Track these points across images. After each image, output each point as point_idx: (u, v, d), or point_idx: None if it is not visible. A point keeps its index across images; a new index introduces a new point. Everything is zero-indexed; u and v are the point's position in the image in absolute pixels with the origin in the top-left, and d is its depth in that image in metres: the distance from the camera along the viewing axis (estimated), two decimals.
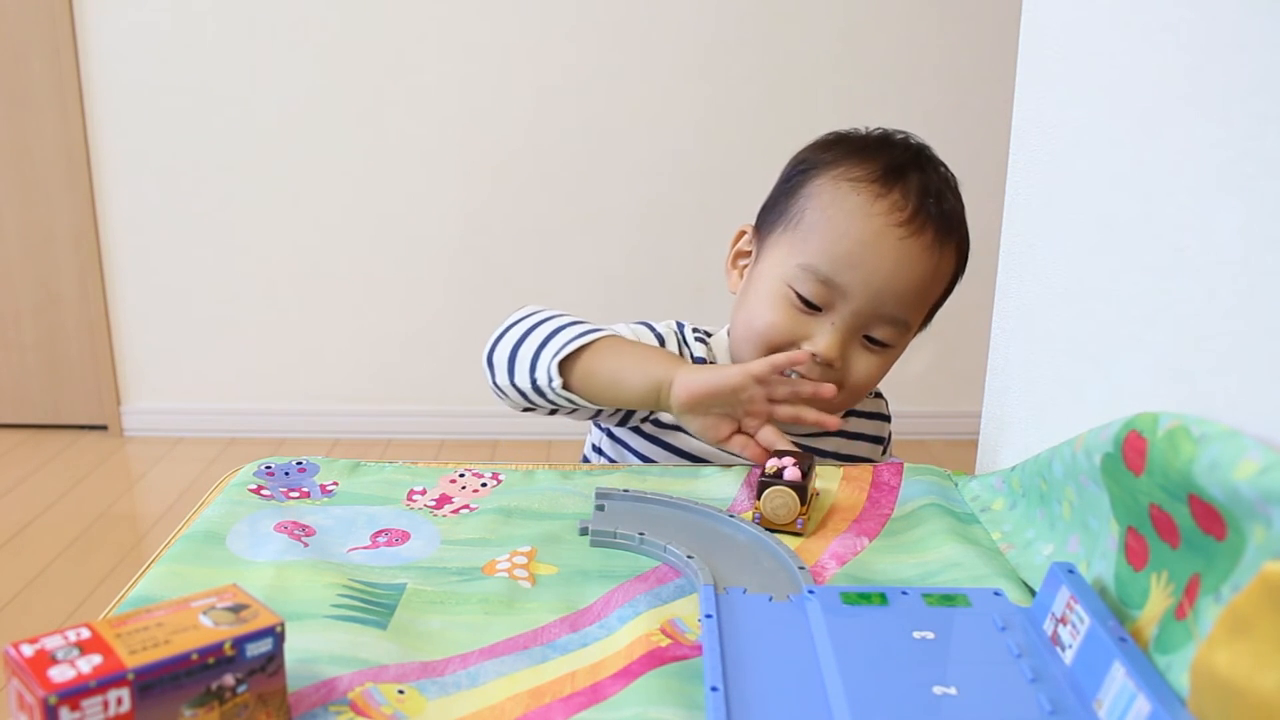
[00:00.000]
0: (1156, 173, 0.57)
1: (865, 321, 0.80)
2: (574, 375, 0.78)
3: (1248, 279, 0.49)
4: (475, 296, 2.50)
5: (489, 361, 0.82)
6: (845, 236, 0.79)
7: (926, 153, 0.86)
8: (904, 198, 0.79)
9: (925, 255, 0.79)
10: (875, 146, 0.84)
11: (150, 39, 2.36)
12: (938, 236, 0.80)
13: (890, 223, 0.79)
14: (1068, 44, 0.68)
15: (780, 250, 0.82)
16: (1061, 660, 0.49)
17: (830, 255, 0.79)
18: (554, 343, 0.79)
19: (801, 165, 0.85)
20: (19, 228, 2.47)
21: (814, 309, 0.80)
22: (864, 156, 0.82)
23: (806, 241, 0.81)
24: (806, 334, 0.80)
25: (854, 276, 0.78)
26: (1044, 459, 0.63)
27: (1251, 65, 0.49)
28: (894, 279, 0.78)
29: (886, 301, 0.79)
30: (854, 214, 0.79)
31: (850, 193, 0.80)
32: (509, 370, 0.80)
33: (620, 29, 2.36)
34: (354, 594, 0.57)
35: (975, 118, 2.37)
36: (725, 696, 0.47)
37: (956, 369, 2.52)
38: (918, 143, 0.86)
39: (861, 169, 0.81)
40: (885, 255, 0.78)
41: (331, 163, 2.44)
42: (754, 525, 0.66)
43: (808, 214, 0.82)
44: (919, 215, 0.79)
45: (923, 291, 0.81)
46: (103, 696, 0.40)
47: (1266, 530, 0.41)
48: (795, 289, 0.80)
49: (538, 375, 0.78)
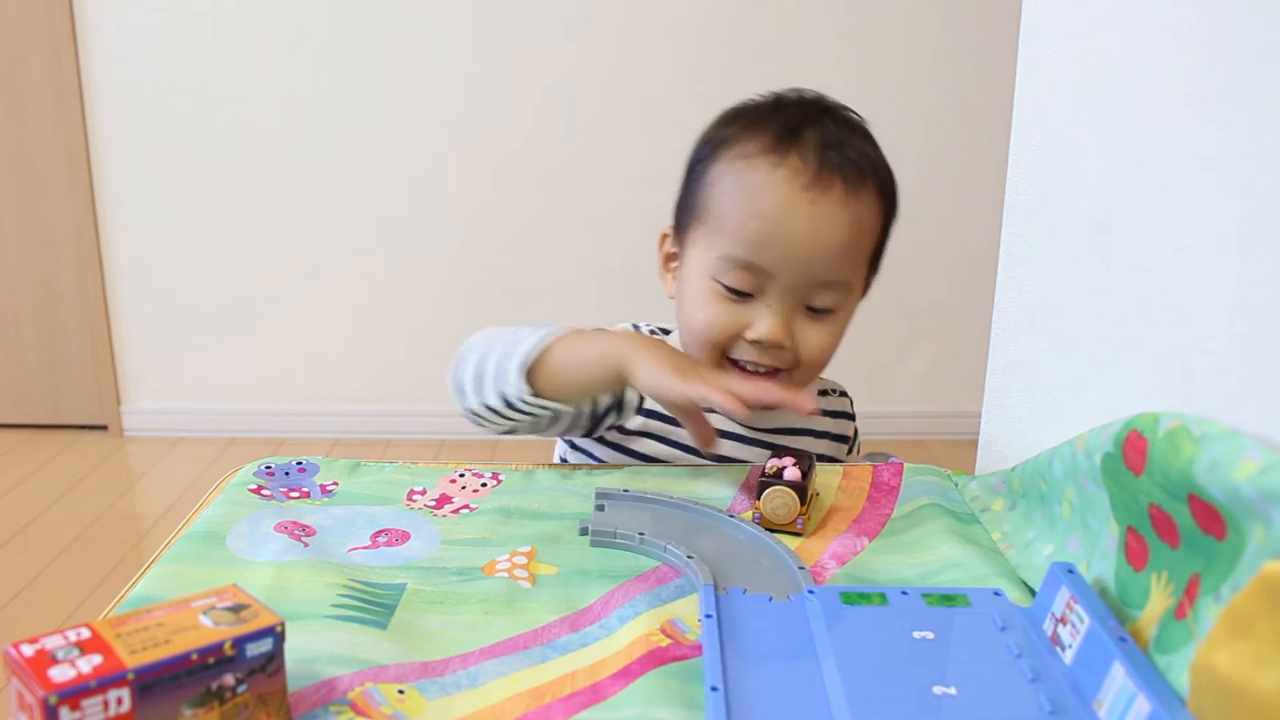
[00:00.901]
0: (1156, 173, 0.57)
1: (800, 294, 0.78)
2: (540, 381, 0.76)
3: (1248, 279, 0.49)
4: (475, 296, 2.50)
5: (457, 388, 0.80)
6: (753, 216, 0.77)
7: (824, 103, 0.83)
8: (802, 159, 0.77)
9: (840, 210, 0.77)
10: (767, 114, 0.82)
11: (150, 39, 2.36)
12: (849, 187, 0.78)
13: (795, 189, 0.76)
14: (1068, 44, 0.68)
15: (698, 246, 0.81)
16: (1061, 660, 0.49)
17: (744, 240, 0.77)
18: (516, 354, 0.76)
19: (699, 154, 0.83)
20: (19, 228, 2.47)
21: (746, 295, 0.78)
22: (756, 128, 0.80)
23: (720, 231, 0.79)
24: (745, 322, 0.78)
25: (774, 255, 0.76)
26: (1044, 459, 0.63)
27: (1251, 65, 0.49)
28: (815, 246, 0.76)
29: (816, 269, 0.77)
30: (756, 190, 0.77)
31: (748, 170, 0.78)
32: (477, 391, 0.78)
33: (620, 29, 2.36)
34: (354, 594, 0.57)
35: (975, 118, 2.37)
36: (725, 696, 0.47)
37: (956, 369, 2.52)
38: (814, 95, 0.84)
39: (754, 142, 0.79)
40: (798, 224, 0.76)
41: (332, 163, 2.44)
42: (754, 525, 0.66)
43: (713, 203, 0.80)
44: (822, 172, 0.77)
45: (850, 247, 0.79)
46: (103, 696, 0.40)
47: (1266, 530, 0.41)
48: (721, 281, 0.78)
49: (507, 389, 0.76)
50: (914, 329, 2.55)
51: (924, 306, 2.53)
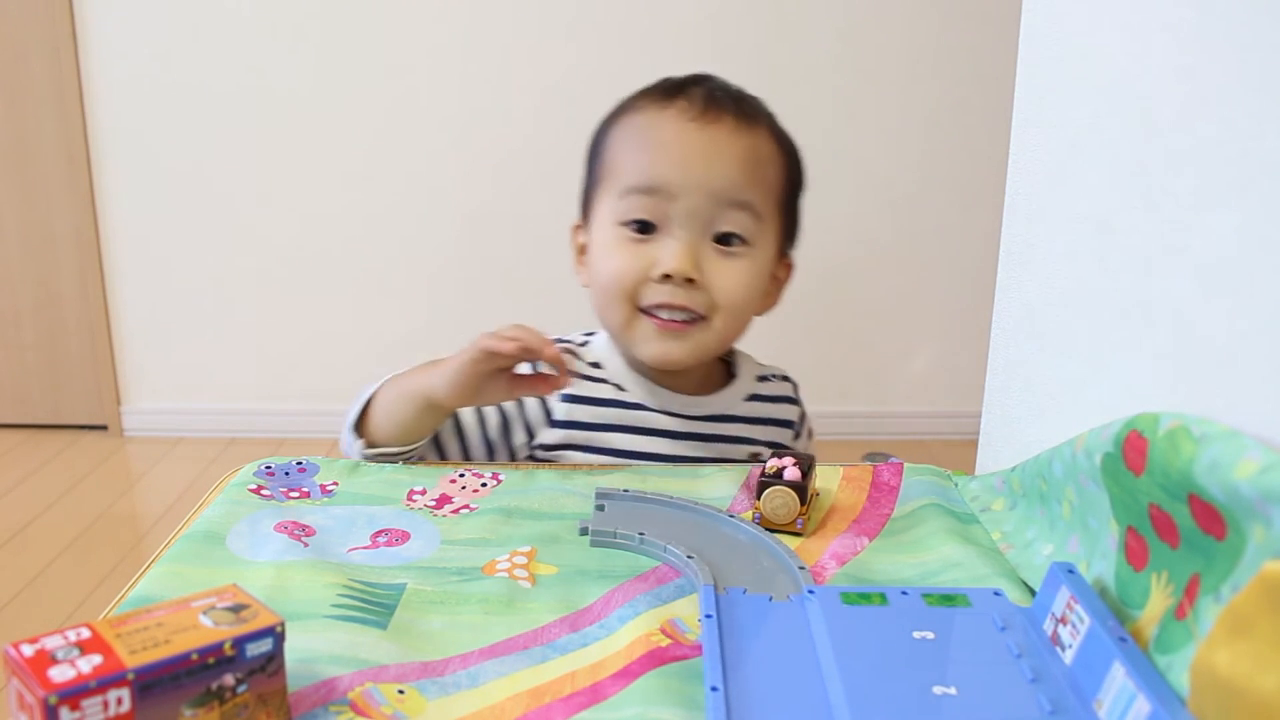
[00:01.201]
0: (1156, 173, 0.57)
1: (706, 219, 0.78)
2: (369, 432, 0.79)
3: (1248, 279, 0.49)
4: (475, 296, 2.50)
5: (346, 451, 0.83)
6: (645, 147, 0.79)
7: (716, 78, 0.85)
8: (689, 101, 0.80)
9: (734, 137, 0.79)
10: (655, 84, 0.84)
11: (150, 38, 2.36)
12: (740, 121, 0.79)
13: (683, 120, 0.79)
14: (1068, 44, 0.68)
15: (602, 205, 0.82)
16: (1061, 660, 0.49)
17: (640, 168, 0.79)
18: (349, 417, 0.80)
19: (594, 138, 0.86)
20: (19, 228, 2.47)
21: (650, 229, 0.79)
22: (642, 94, 0.83)
23: (616, 176, 0.80)
24: (653, 259, 0.78)
25: (670, 172, 0.77)
26: (1044, 459, 0.63)
27: (1251, 65, 0.49)
28: (711, 162, 0.78)
29: (717, 187, 0.77)
30: (645, 128, 0.80)
31: (636, 117, 0.81)
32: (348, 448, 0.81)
33: (620, 29, 2.36)
34: (354, 594, 0.57)
35: (975, 118, 2.37)
36: (725, 696, 0.47)
37: (956, 369, 2.52)
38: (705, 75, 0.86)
39: (641, 101, 0.82)
40: (691, 145, 0.78)
41: (331, 163, 2.44)
42: (754, 525, 0.66)
43: (608, 159, 0.82)
44: (711, 107, 0.79)
45: (751, 169, 0.79)
46: (103, 696, 0.40)
47: (1266, 530, 0.41)
48: (624, 220, 0.79)
49: (349, 451, 0.80)
50: (914, 329, 2.55)
51: (924, 306, 2.53)
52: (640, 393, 0.86)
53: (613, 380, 0.86)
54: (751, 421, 0.89)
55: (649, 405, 0.85)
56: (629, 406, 0.85)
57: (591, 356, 0.88)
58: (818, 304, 2.49)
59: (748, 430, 0.88)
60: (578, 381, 0.85)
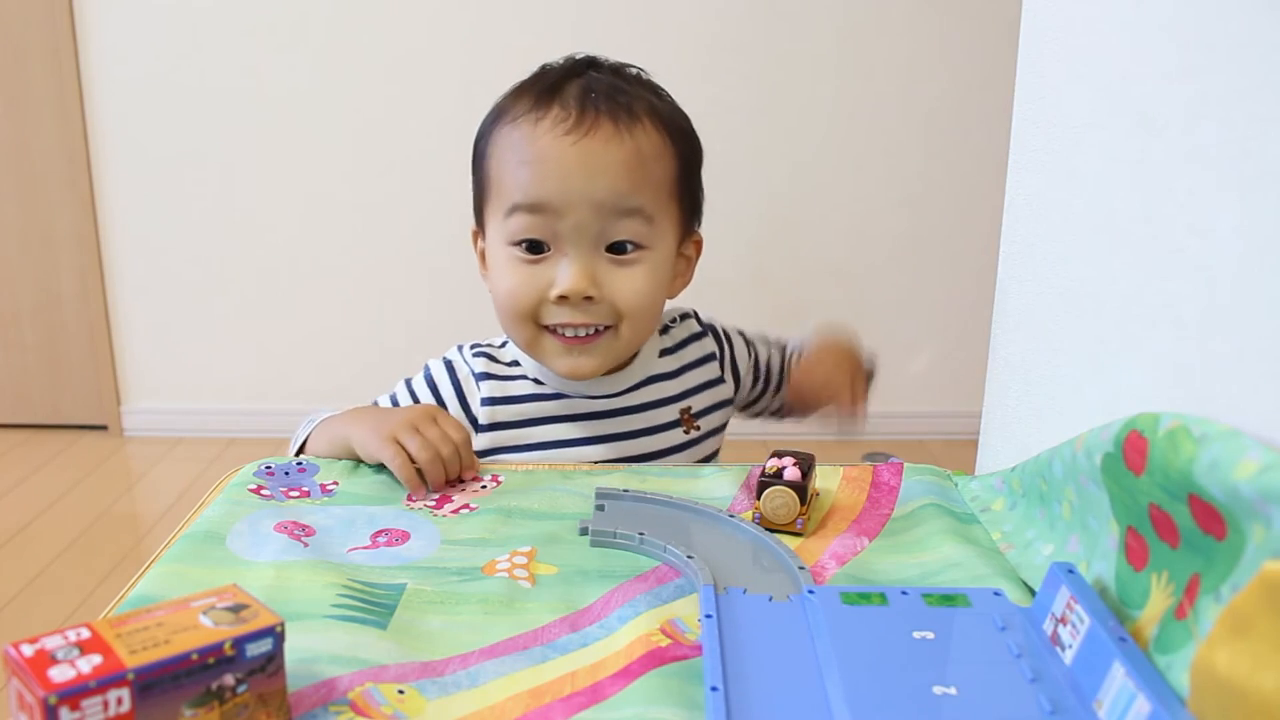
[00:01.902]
0: (1156, 173, 0.57)
1: (595, 232, 0.77)
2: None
3: (1248, 279, 0.49)
4: (475, 296, 2.49)
5: None
6: (523, 163, 0.76)
7: (593, 62, 0.82)
8: (563, 108, 0.77)
9: (612, 145, 0.76)
10: (531, 80, 0.81)
11: (150, 39, 2.36)
12: (618, 124, 0.76)
13: (557, 135, 0.76)
14: (1068, 44, 0.68)
15: (492, 222, 0.81)
16: (1061, 660, 0.49)
17: (521, 186, 0.77)
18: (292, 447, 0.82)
19: (476, 142, 0.84)
20: (19, 228, 2.47)
21: (541, 250, 0.78)
22: (519, 94, 0.80)
23: (499, 193, 0.79)
24: (548, 280, 0.77)
25: (551, 189, 0.75)
26: (1044, 459, 0.63)
27: (1251, 65, 0.49)
28: (592, 175, 0.75)
29: (602, 199, 0.76)
30: (521, 143, 0.77)
31: (512, 131, 0.78)
32: None
33: (620, 29, 2.36)
34: (354, 594, 0.57)
35: (975, 118, 2.37)
36: (725, 697, 0.47)
37: (956, 369, 2.52)
38: (584, 57, 0.83)
39: (519, 106, 0.79)
40: (568, 160, 0.75)
41: (331, 163, 2.44)
42: (754, 525, 0.66)
43: (490, 173, 0.80)
44: (585, 115, 0.76)
45: (635, 174, 0.77)
46: (103, 696, 0.40)
47: (1266, 530, 0.41)
48: (513, 241, 0.78)
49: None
50: (914, 329, 2.55)
51: (924, 306, 2.53)
52: (557, 382, 0.86)
53: (531, 375, 0.87)
54: (673, 376, 0.89)
55: (569, 392, 0.86)
56: (549, 398, 0.86)
57: (508, 357, 0.88)
58: (818, 304, 2.49)
59: (674, 386, 0.88)
60: (496, 382, 0.86)
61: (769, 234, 2.44)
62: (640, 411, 0.87)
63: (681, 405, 0.88)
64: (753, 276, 2.43)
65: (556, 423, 0.86)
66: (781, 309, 2.42)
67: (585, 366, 0.81)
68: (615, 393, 0.86)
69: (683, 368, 0.90)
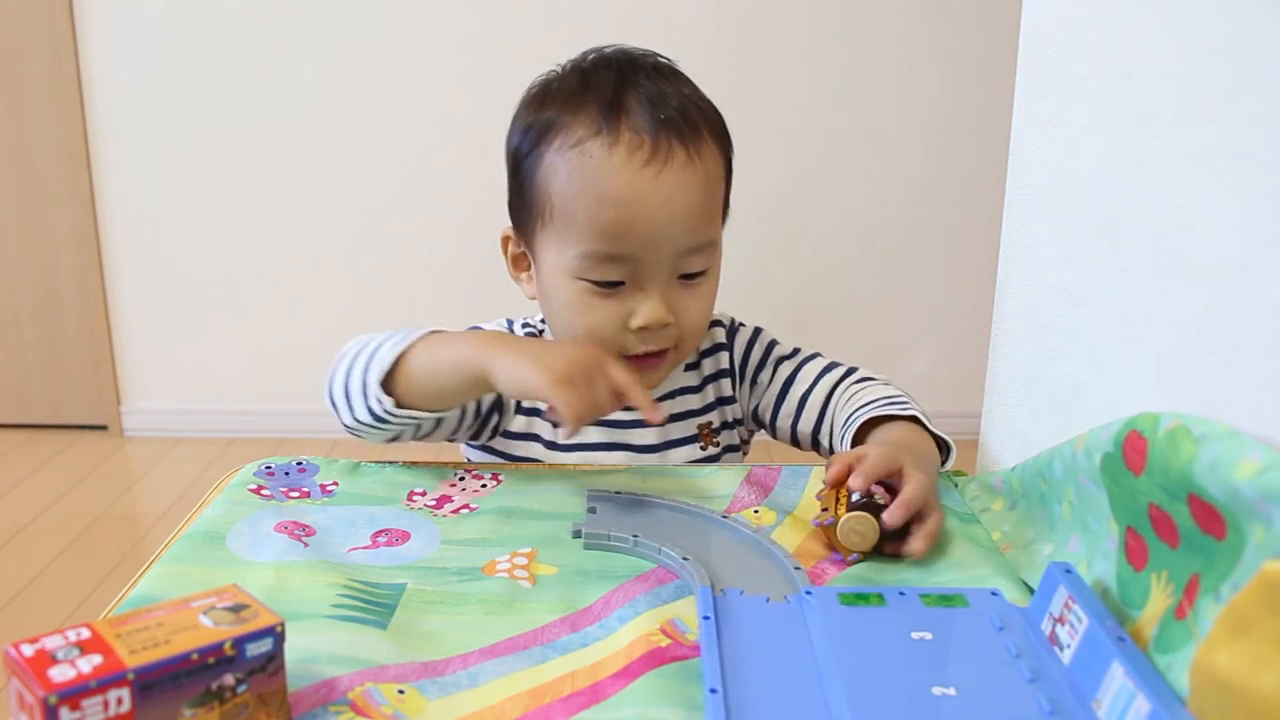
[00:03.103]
0: (1156, 173, 0.57)
1: (671, 268, 0.76)
2: (400, 391, 0.72)
3: (1247, 279, 0.49)
4: (474, 296, 2.50)
5: (331, 403, 0.75)
6: (603, 205, 0.73)
7: (630, 58, 0.80)
8: (635, 133, 0.73)
9: (687, 173, 0.74)
10: (579, 90, 0.77)
11: (150, 39, 2.36)
12: (687, 145, 0.74)
13: (637, 166, 0.72)
14: (1068, 44, 0.68)
15: (551, 248, 0.77)
16: (1060, 660, 0.49)
17: (599, 232, 0.73)
18: (374, 365, 0.72)
19: (522, 145, 0.79)
20: (19, 228, 2.47)
21: (616, 285, 0.76)
22: (574, 109, 0.75)
23: (570, 228, 0.75)
24: (626, 312, 0.76)
25: (635, 239, 0.73)
26: (1044, 459, 0.63)
27: (1251, 65, 0.49)
28: (673, 217, 0.73)
29: (679, 239, 0.74)
30: (600, 180, 0.73)
31: (582, 159, 0.73)
32: (348, 407, 0.74)
33: (620, 29, 2.35)
34: (354, 594, 0.57)
35: (975, 118, 2.37)
36: (724, 698, 0.47)
37: (956, 369, 2.52)
38: (614, 52, 0.80)
39: (581, 127, 0.74)
40: (652, 201, 0.73)
41: (331, 163, 2.44)
42: (749, 526, 0.66)
43: (555, 200, 0.75)
44: (659, 140, 0.73)
45: (706, 206, 0.76)
46: (103, 696, 0.40)
47: (1266, 530, 0.41)
48: (587, 280, 0.75)
49: (371, 403, 0.72)
50: (914, 329, 2.55)
51: (924, 306, 2.53)
52: None
53: None
54: (696, 390, 0.87)
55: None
56: None
57: None
58: (818, 304, 2.49)
59: (696, 400, 0.87)
60: None
61: (769, 234, 2.44)
62: (660, 425, 0.85)
63: (701, 420, 0.87)
64: (753, 276, 2.43)
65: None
66: (782, 309, 2.42)
67: (649, 380, 0.80)
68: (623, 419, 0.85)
69: (705, 380, 0.88)
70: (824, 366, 0.87)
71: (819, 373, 0.86)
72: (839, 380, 0.84)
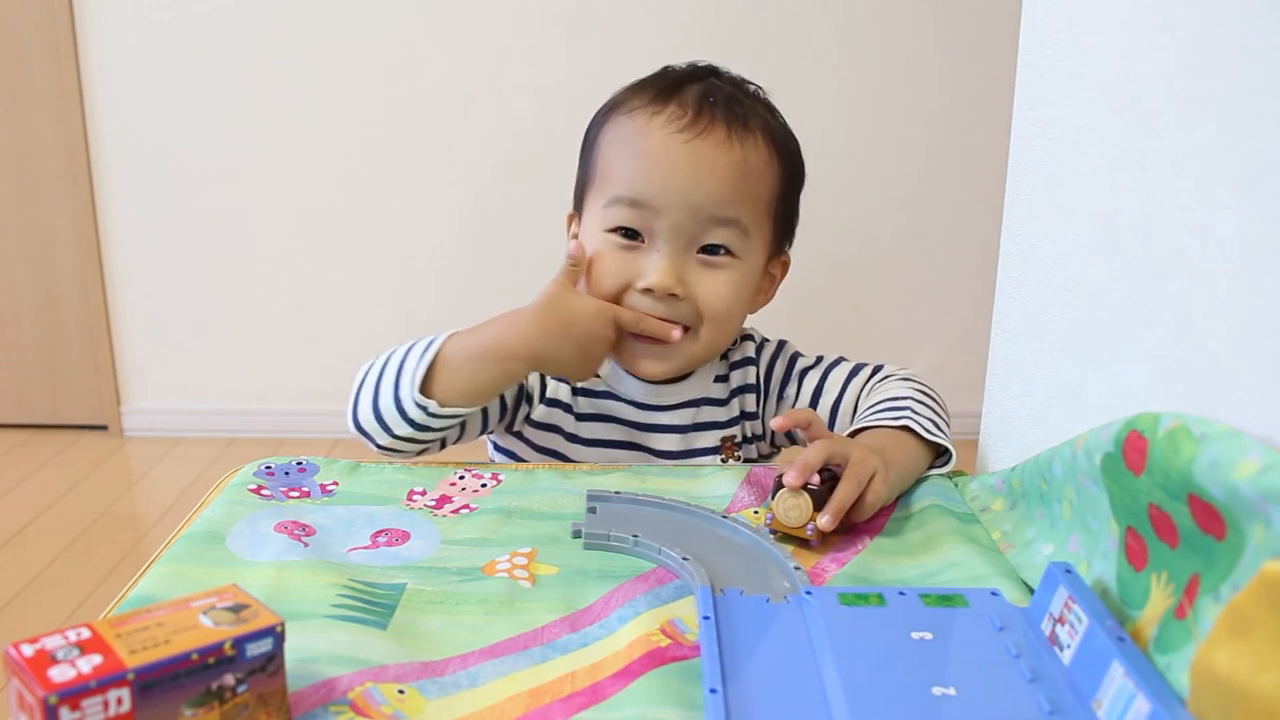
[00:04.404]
0: (1156, 173, 0.57)
1: (690, 233, 0.78)
2: (439, 391, 0.75)
3: (1247, 279, 0.49)
4: (474, 296, 2.50)
5: (360, 430, 0.78)
6: (633, 156, 0.78)
7: (714, 70, 0.84)
8: (681, 107, 0.78)
9: (721, 151, 0.77)
10: (653, 78, 0.83)
11: (150, 39, 2.36)
12: (731, 131, 0.78)
13: (671, 131, 0.77)
14: (1068, 44, 0.68)
15: (592, 207, 0.82)
16: (1060, 660, 0.49)
17: (626, 179, 0.78)
18: (405, 376, 0.75)
19: (589, 129, 0.85)
20: (19, 228, 2.47)
21: (636, 239, 0.79)
22: (639, 89, 0.82)
23: (605, 181, 0.80)
24: (638, 271, 0.79)
25: (655, 188, 0.77)
26: (1044, 459, 0.63)
27: (1251, 65, 0.49)
28: (697, 180, 0.77)
29: (701, 204, 0.77)
30: (634, 135, 0.79)
31: (627, 121, 0.80)
32: (383, 429, 0.77)
33: (620, 29, 2.36)
34: (354, 594, 0.57)
35: (975, 118, 2.37)
36: (724, 698, 0.47)
37: (956, 369, 2.52)
38: (706, 65, 0.84)
39: (637, 100, 0.81)
40: (677, 160, 0.77)
41: (331, 163, 2.44)
42: (750, 526, 0.66)
43: (598, 161, 0.82)
44: (701, 117, 0.78)
45: (739, 185, 0.78)
46: (103, 696, 0.40)
47: (1266, 530, 0.41)
48: (610, 228, 0.79)
49: (411, 413, 0.75)
50: (914, 329, 2.55)
51: (924, 306, 2.53)
52: (612, 380, 0.86)
53: None
54: (723, 402, 0.87)
55: (619, 394, 0.86)
56: (599, 395, 0.86)
57: None
58: (818, 304, 2.49)
59: (723, 413, 0.87)
60: None
61: None
62: (683, 432, 0.86)
63: (725, 433, 0.87)
64: None
65: (599, 421, 0.85)
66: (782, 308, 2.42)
67: (657, 368, 0.82)
68: (663, 405, 0.85)
69: (732, 394, 0.88)
70: (849, 372, 0.88)
71: (845, 379, 0.87)
72: (864, 385, 0.87)
